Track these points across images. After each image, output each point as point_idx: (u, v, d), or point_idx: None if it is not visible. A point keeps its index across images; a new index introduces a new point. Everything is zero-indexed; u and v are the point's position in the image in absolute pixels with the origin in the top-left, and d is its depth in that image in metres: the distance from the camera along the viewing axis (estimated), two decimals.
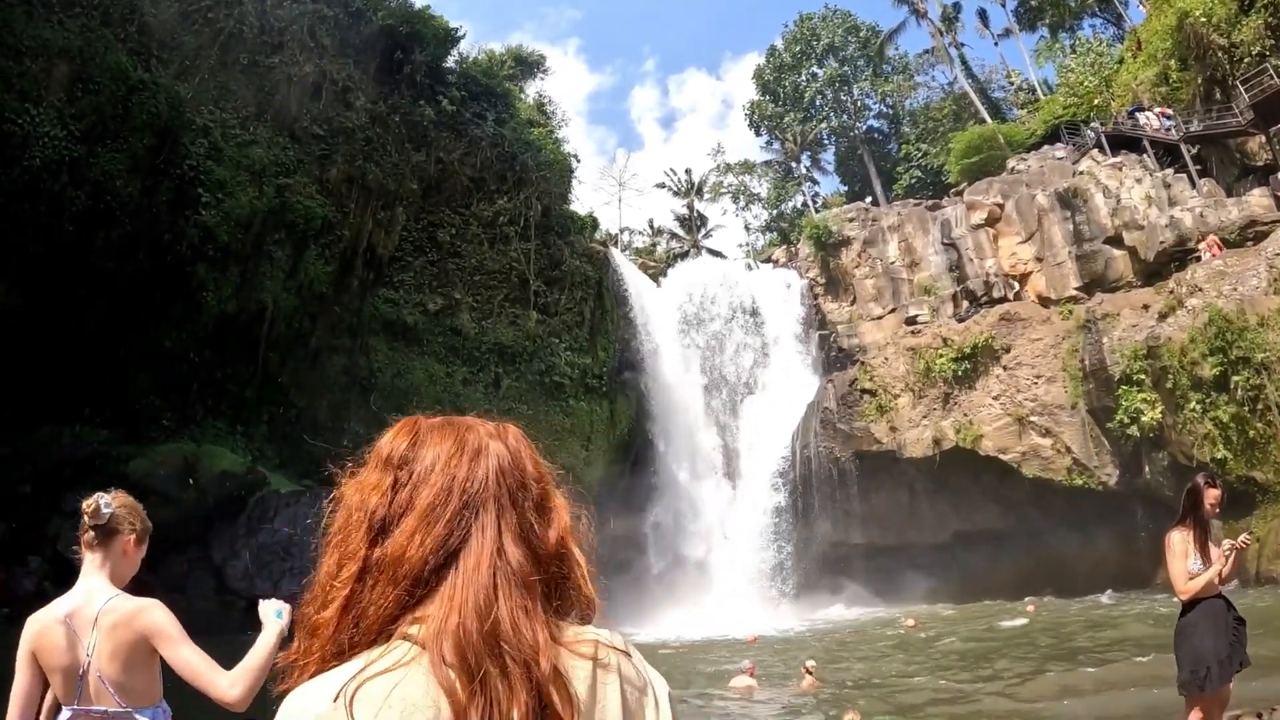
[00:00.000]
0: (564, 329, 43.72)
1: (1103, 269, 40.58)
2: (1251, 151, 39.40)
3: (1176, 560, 7.66)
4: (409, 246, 40.12)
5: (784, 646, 27.70)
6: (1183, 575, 7.63)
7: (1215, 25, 38.68)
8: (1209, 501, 7.79)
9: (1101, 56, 55.85)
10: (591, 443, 43.49)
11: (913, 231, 48.47)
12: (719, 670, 21.92)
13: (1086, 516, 33.99)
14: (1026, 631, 25.53)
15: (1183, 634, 7.73)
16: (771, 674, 21.01)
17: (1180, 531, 7.75)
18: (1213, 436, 29.93)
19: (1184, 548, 7.67)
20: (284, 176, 34.92)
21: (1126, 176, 41.20)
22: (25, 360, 26.72)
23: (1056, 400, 35.25)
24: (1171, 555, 7.72)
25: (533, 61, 57.07)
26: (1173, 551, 7.70)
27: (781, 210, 78.10)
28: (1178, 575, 7.67)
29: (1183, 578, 7.62)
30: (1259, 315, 29.08)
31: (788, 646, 27.66)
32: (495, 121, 43.45)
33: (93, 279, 28.49)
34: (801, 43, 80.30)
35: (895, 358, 40.04)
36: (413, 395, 38.24)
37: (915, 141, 71.47)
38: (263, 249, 34.19)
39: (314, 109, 36.74)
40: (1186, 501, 7.89)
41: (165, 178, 30.69)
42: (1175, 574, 7.70)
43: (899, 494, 39.02)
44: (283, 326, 35.18)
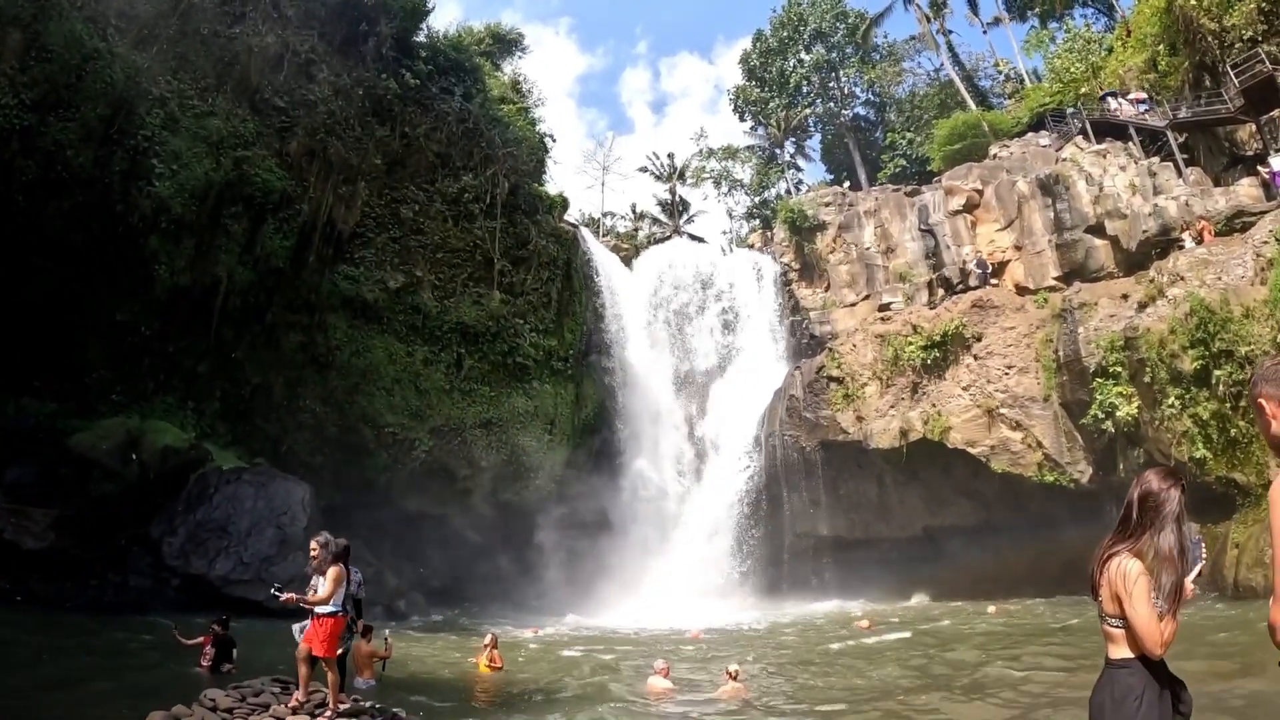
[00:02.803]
0: (529, 309, 42.77)
1: (1083, 258, 39.54)
2: (1241, 140, 38.23)
3: (1141, 604, 4.74)
4: (371, 222, 39.13)
5: (728, 642, 26.72)
6: (1153, 627, 4.73)
7: (1206, 9, 37.45)
8: (1175, 504, 4.98)
9: (1090, 43, 54.73)
10: (555, 426, 42.77)
11: (890, 217, 47.44)
12: None
13: (1060, 514, 32.54)
14: (986, 634, 24.20)
15: (1117, 705, 4.81)
16: (710, 672, 19.74)
17: (1134, 556, 4.86)
18: (1192, 434, 28.53)
19: (1148, 584, 4.74)
20: (242, 149, 34.18)
21: (1111, 164, 40.14)
22: None
23: (1028, 392, 33.95)
24: (1134, 594, 4.75)
25: (511, 40, 55.81)
26: (1136, 588, 4.74)
27: (765, 197, 76.96)
28: (1146, 628, 4.73)
29: (1153, 630, 4.73)
30: (1244, 306, 27.65)
31: (733, 642, 26.73)
32: (464, 97, 42.50)
33: (44, 249, 27.98)
34: (789, 27, 79.80)
35: (863, 345, 38.75)
36: (371, 374, 38.07)
37: (900, 130, 70.66)
38: (219, 222, 33.49)
39: (275, 80, 35.94)
40: (1146, 508, 4.97)
41: (119, 148, 30.09)
42: (1142, 624, 4.74)
43: (867, 486, 37.87)
44: (238, 301, 34.40)
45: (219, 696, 12.24)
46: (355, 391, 37.56)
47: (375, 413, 37.90)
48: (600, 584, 39.24)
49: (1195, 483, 27.89)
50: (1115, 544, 5.06)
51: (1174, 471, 5.25)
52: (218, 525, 28.34)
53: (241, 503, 29.24)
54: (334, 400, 37.15)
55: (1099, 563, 5.05)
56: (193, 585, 27.12)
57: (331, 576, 12.18)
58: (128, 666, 17.35)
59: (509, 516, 40.39)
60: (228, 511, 28.82)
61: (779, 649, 24.91)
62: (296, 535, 28.88)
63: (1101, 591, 4.99)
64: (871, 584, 37.01)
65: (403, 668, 19.21)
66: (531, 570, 39.03)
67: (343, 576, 12.31)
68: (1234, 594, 25.19)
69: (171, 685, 14.38)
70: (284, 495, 30.35)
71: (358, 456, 37.33)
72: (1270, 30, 35.68)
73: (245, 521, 28.70)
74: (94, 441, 28.15)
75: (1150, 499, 5.03)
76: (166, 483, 28.97)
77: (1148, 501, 5.04)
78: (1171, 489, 5.03)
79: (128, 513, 27.56)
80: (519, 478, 40.95)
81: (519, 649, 24.76)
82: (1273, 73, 33.60)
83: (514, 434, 40.68)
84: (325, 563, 12.33)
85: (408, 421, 38.52)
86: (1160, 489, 5.04)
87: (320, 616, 12.13)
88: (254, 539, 28.34)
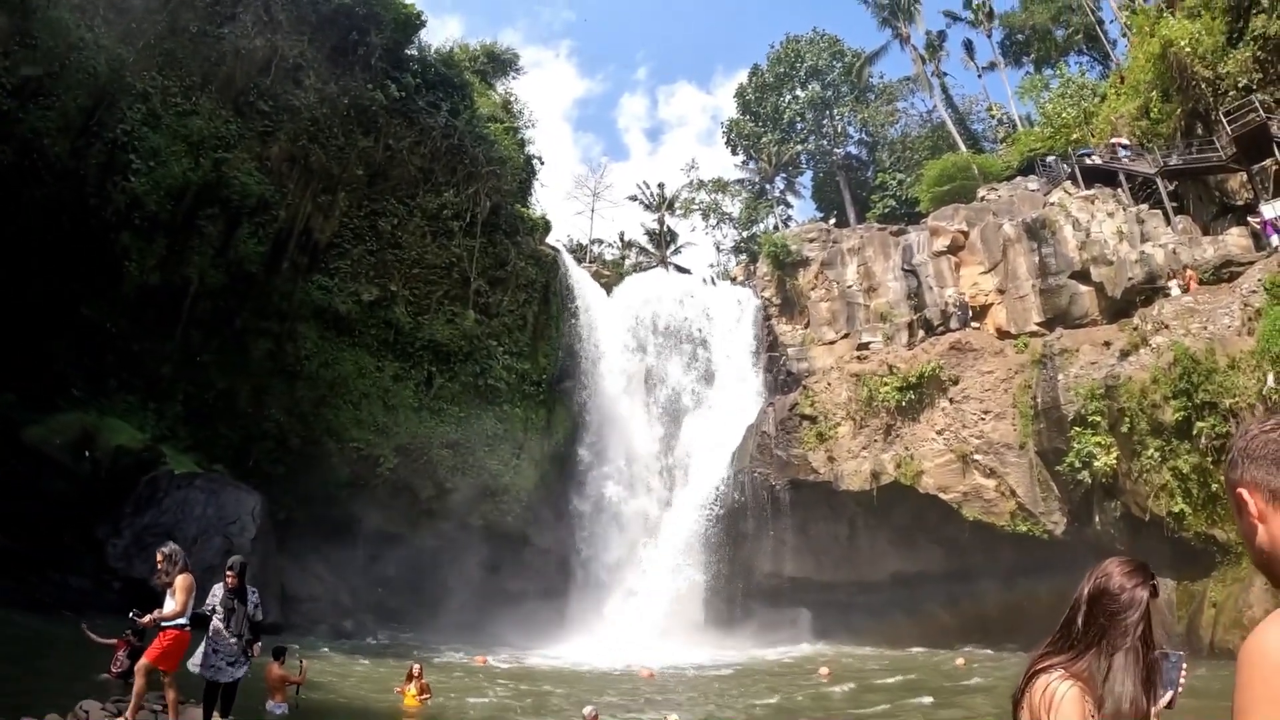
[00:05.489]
0: (504, 331, 42.22)
1: (1067, 304, 38.96)
2: (1231, 189, 37.91)
3: None
4: (348, 233, 38.63)
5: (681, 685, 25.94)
6: None
7: (1201, 56, 37.32)
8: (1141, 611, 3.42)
9: (1084, 90, 54.61)
10: (524, 451, 42.22)
11: (873, 255, 46.86)
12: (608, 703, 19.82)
13: (1034, 565, 31.65)
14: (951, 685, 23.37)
15: None
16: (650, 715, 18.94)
17: (1070, 678, 3.27)
18: (1171, 488, 27.77)
19: (1079, 711, 3.21)
20: (223, 150, 33.87)
21: (1099, 210, 39.69)
22: None
23: (1004, 439, 33.23)
24: None
25: (506, 59, 55.50)
26: None
27: (753, 232, 76.65)
28: None
29: None
30: (1229, 357, 26.98)
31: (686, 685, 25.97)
32: (450, 112, 41.93)
33: (14, 238, 27.37)
34: (785, 63, 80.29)
35: (838, 383, 38.04)
36: (339, 387, 37.51)
37: (891, 170, 70.55)
38: (193, 222, 33.13)
39: (261, 84, 35.67)
40: (1098, 612, 3.42)
41: (97, 140, 29.90)
42: None
43: (838, 528, 37.05)
44: (207, 304, 33.90)
45: (93, 709, 11.57)
46: (322, 404, 36.89)
47: (340, 426, 37.18)
48: (559, 615, 38.70)
49: (1173, 538, 27.27)
50: (1048, 657, 3.42)
51: (1142, 567, 3.54)
52: (164, 530, 26.88)
53: (191, 509, 28.53)
54: (299, 411, 36.44)
55: (1024, 678, 3.41)
56: (134, 589, 26.06)
57: (180, 587, 11.57)
58: (33, 669, 16.59)
59: (471, 540, 39.58)
60: (176, 517, 28.05)
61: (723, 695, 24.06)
62: (244, 546, 28.09)
63: (1020, 717, 3.37)
64: (839, 628, 36.23)
65: (325, 692, 18.33)
66: (490, 597, 38.22)
67: (192, 586, 11.66)
68: (1209, 654, 24.36)
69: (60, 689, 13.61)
70: (235, 504, 29.60)
71: (320, 470, 36.53)
72: (1265, 79, 35.46)
73: (193, 528, 27.85)
74: (48, 436, 27.47)
75: (1107, 600, 3.42)
76: (117, 483, 28.20)
77: (1103, 603, 3.42)
78: (1138, 589, 3.44)
79: (76, 511, 26.77)
80: (484, 501, 40.24)
81: (462, 679, 23.89)
82: (1266, 121, 33.19)
83: (481, 456, 39.99)
84: (172, 575, 11.67)
85: (373, 437, 37.78)
86: (1122, 588, 3.44)
87: (165, 629, 11.47)
88: (200, 547, 27.29)
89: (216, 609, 12.72)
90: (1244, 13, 36.12)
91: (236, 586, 12.74)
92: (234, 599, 12.72)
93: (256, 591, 13.14)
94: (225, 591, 12.75)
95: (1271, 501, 2.38)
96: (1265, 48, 35.25)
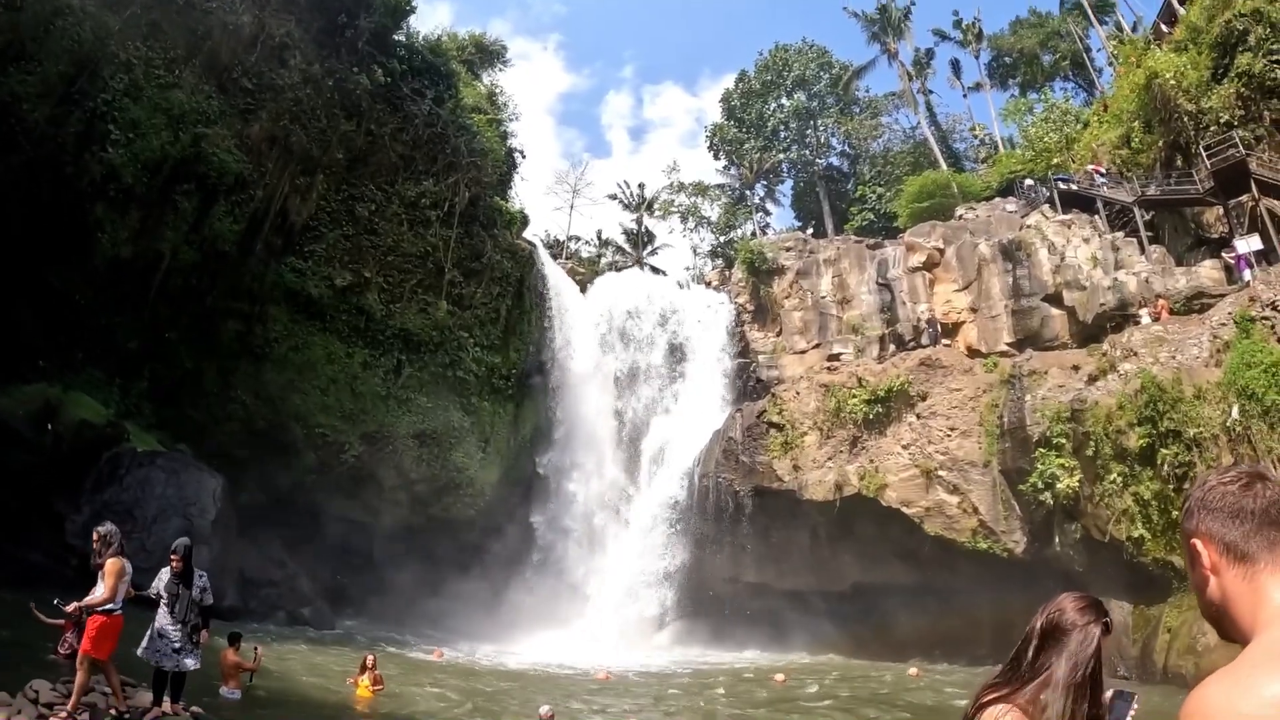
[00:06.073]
0: (476, 323, 41.97)
1: (1038, 326, 39.45)
2: (1207, 223, 38.22)
3: None
4: (325, 217, 38.19)
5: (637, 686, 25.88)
6: None
7: (1185, 90, 37.70)
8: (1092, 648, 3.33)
9: (1067, 115, 55.02)
10: (490, 445, 42.04)
11: (849, 268, 47.00)
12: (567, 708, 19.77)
13: (994, 582, 31.77)
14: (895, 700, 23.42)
15: None
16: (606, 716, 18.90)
17: (1017, 711, 3.27)
18: (1131, 513, 27.93)
19: None
20: (203, 125, 33.27)
21: (1075, 235, 40.11)
22: None
23: (969, 456, 33.30)
24: None
25: (494, 51, 55.36)
26: None
27: (730, 237, 76.80)
28: None
29: None
30: (1196, 387, 27.14)
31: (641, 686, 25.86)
32: (435, 101, 41.65)
33: None
34: (773, 71, 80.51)
35: (807, 393, 38.03)
36: (308, 372, 37.20)
37: (871, 184, 70.85)
38: (169, 197, 32.61)
39: (246, 61, 35.14)
40: (1049, 646, 3.35)
41: (77, 108, 29.44)
42: None
43: (800, 536, 37.00)
44: (178, 281, 33.38)
45: (43, 689, 11.39)
46: (289, 388, 36.61)
47: (307, 411, 36.93)
48: (519, 612, 38.36)
49: (1132, 562, 27.45)
50: (997, 688, 3.39)
51: (1096, 604, 3.46)
52: (124, 508, 26.72)
53: (151, 488, 28.00)
54: (266, 394, 36.17)
55: (973, 707, 3.39)
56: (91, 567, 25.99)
57: (109, 571, 11.32)
58: None
59: (435, 532, 39.52)
60: (136, 495, 27.55)
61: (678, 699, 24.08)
62: (204, 528, 27.87)
63: None
64: (797, 636, 36.12)
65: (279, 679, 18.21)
66: (450, 591, 38.06)
67: (123, 570, 11.44)
68: (1162, 679, 24.52)
69: (10, 667, 13.44)
70: (196, 485, 29.18)
71: (285, 455, 36.29)
72: (1247, 116, 35.79)
73: (153, 508, 27.42)
74: (11, 407, 27.03)
75: (1058, 635, 3.37)
76: (79, 458, 27.70)
77: (1054, 638, 3.37)
78: (1090, 625, 3.35)
79: (35, 485, 26.24)
80: (448, 493, 40.11)
81: (417, 672, 23.79)
82: (1245, 158, 33.42)
83: (447, 448, 39.82)
84: (104, 557, 11.43)
85: (339, 424, 37.54)
86: (1074, 624, 3.37)
87: (94, 613, 11.24)
88: (159, 527, 27.03)
89: (161, 594, 12.56)
90: (1230, 49, 36.48)
91: (181, 570, 12.60)
92: (178, 583, 12.55)
93: (204, 575, 12.98)
94: (170, 576, 12.60)
95: (1225, 554, 2.39)
96: (1249, 85, 35.62)
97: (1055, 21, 72.48)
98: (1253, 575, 2.33)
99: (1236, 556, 2.37)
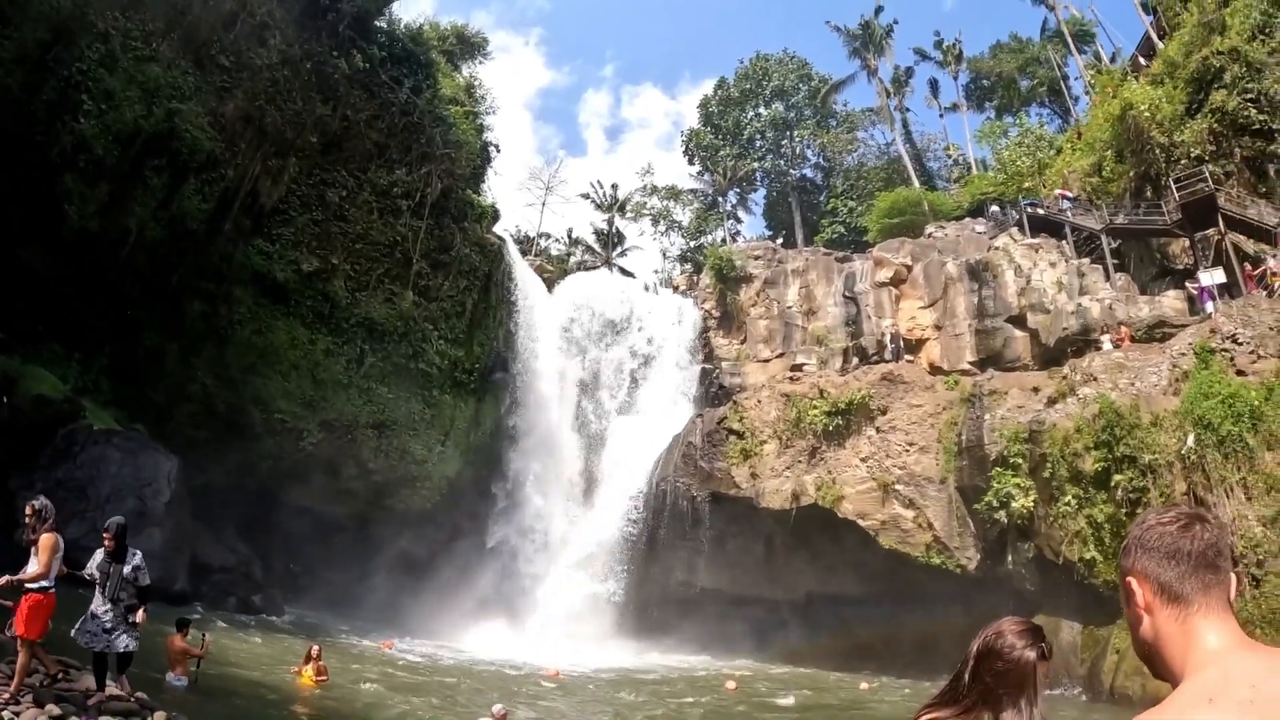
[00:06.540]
0: (441, 316, 41.97)
1: (1001, 347, 39.89)
2: (1173, 253, 38.68)
3: None
4: (295, 200, 37.98)
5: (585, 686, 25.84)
6: None
7: (1159, 123, 38.19)
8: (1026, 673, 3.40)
9: (1041, 141, 55.44)
10: (449, 439, 42.03)
11: (816, 279, 47.20)
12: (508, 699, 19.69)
13: (946, 597, 31.96)
14: None
15: None
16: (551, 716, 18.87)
17: None
18: (1084, 535, 28.11)
19: None
20: (177, 101, 32.90)
21: (1041, 259, 40.49)
22: None
23: (926, 472, 33.44)
24: None
25: (475, 43, 55.22)
26: None
27: (701, 243, 76.95)
28: None
29: None
30: (1153, 414, 27.37)
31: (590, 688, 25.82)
32: (412, 90, 41.52)
33: None
34: (752, 80, 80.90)
35: (768, 402, 38.08)
36: (270, 356, 37.02)
37: (843, 197, 71.15)
38: (139, 172, 32.33)
39: (225, 38, 34.82)
40: (985, 670, 3.45)
41: (51, 76, 29.08)
42: None
43: (755, 544, 37.00)
44: (144, 257, 33.03)
45: None
46: (251, 371, 36.38)
47: (268, 396, 36.75)
48: (472, 606, 38.23)
49: (1083, 583, 27.63)
50: (935, 709, 3.51)
51: (1034, 629, 3.53)
52: (78, 486, 26.68)
53: (106, 467, 27.73)
54: (227, 376, 35.90)
55: None
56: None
57: (43, 546, 11.13)
58: None
59: (389, 524, 39.40)
60: (91, 474, 27.27)
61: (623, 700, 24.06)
62: (157, 510, 27.72)
63: None
64: (750, 643, 36.17)
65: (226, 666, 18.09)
66: (403, 584, 38.01)
67: (56, 545, 11.25)
68: (1109, 698, 24.76)
69: None
70: (152, 466, 28.92)
71: (243, 439, 36.10)
72: (1218, 151, 36.21)
73: (107, 487, 27.12)
74: None
75: (993, 659, 3.43)
76: (35, 434, 27.37)
77: (990, 661, 3.44)
78: (1027, 650, 3.41)
79: None
80: (405, 485, 40.01)
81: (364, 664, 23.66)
82: (1214, 193, 33.89)
83: (406, 440, 39.72)
84: (38, 532, 11.25)
85: (299, 410, 37.39)
86: (1011, 648, 3.43)
87: (28, 592, 11.07)
88: (112, 506, 26.47)
89: (94, 573, 12.44)
90: (1206, 85, 36.96)
91: (113, 549, 12.47)
92: (111, 562, 12.44)
93: (139, 554, 12.80)
94: (104, 555, 12.49)
95: (1159, 594, 2.42)
96: (1222, 122, 36.07)
97: (1035, 48, 73.17)
98: (1185, 617, 2.36)
99: (1170, 597, 2.40)
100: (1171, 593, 2.39)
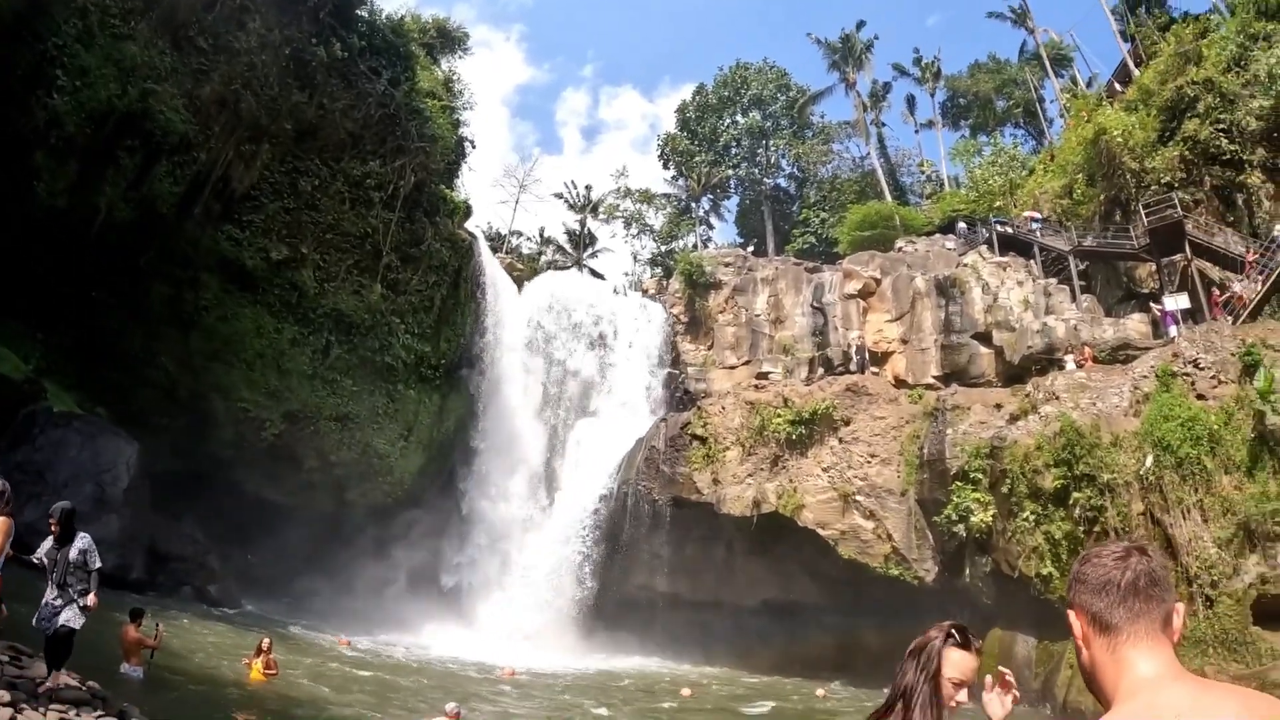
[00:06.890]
0: (409, 310, 41.68)
1: (966, 362, 40.25)
2: (1139, 277, 39.24)
3: None
4: (266, 188, 37.42)
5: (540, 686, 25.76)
6: None
7: (1131, 149, 38.72)
8: (953, 677, 3.70)
9: (1014, 161, 55.89)
10: (413, 434, 41.80)
11: (785, 288, 47.48)
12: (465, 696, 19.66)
13: (904, 608, 31.98)
14: None
15: None
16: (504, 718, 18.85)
17: None
18: (1042, 551, 28.32)
19: None
20: (153, 81, 32.26)
21: (1009, 277, 40.88)
22: None
23: (887, 484, 33.65)
24: None
25: (456, 37, 54.88)
26: None
27: (672, 247, 77.02)
28: None
29: None
30: (1114, 434, 27.64)
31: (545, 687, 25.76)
32: (390, 81, 41.16)
33: None
34: (731, 87, 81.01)
35: (733, 409, 38.21)
36: (235, 343, 36.52)
37: (816, 208, 71.45)
38: (111, 151, 31.72)
39: (204, 20, 34.21)
40: (911, 666, 3.81)
41: (26, 50, 28.45)
42: None
43: (715, 549, 37.15)
44: (113, 238, 32.38)
45: None
46: (214, 358, 35.96)
47: (231, 384, 36.34)
48: (430, 606, 38.28)
49: (1039, 598, 27.82)
50: (878, 715, 3.80)
51: (959, 628, 3.83)
52: (36, 470, 26.20)
53: (65, 451, 27.32)
54: (190, 363, 35.50)
55: None
56: None
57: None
58: None
59: (350, 517, 39.27)
60: (49, 457, 26.86)
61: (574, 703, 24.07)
62: (115, 496, 27.46)
63: None
64: (708, 649, 36.30)
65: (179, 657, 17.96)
66: (362, 579, 37.86)
67: (9, 530, 11.09)
68: (1062, 711, 25.07)
69: None
70: (111, 452, 28.61)
71: (204, 426, 35.74)
72: (1187, 179, 36.72)
73: (65, 471, 26.69)
74: None
75: (915, 654, 3.78)
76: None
77: (915, 659, 3.77)
78: (935, 640, 3.75)
79: None
80: (367, 479, 39.77)
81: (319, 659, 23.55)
82: (1182, 219, 34.33)
83: (369, 433, 39.49)
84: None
85: (263, 400, 37.04)
86: (927, 640, 3.79)
87: None
88: (70, 492, 26.17)
89: (43, 559, 12.40)
90: (1179, 114, 37.47)
91: (59, 534, 12.42)
92: (57, 548, 12.39)
93: (87, 538, 12.72)
94: (51, 541, 12.44)
95: (1092, 625, 2.49)
96: (1193, 150, 36.56)
97: (1013, 69, 73.73)
98: (1115, 646, 2.42)
99: (1101, 627, 2.46)
100: (1102, 622, 2.46)
